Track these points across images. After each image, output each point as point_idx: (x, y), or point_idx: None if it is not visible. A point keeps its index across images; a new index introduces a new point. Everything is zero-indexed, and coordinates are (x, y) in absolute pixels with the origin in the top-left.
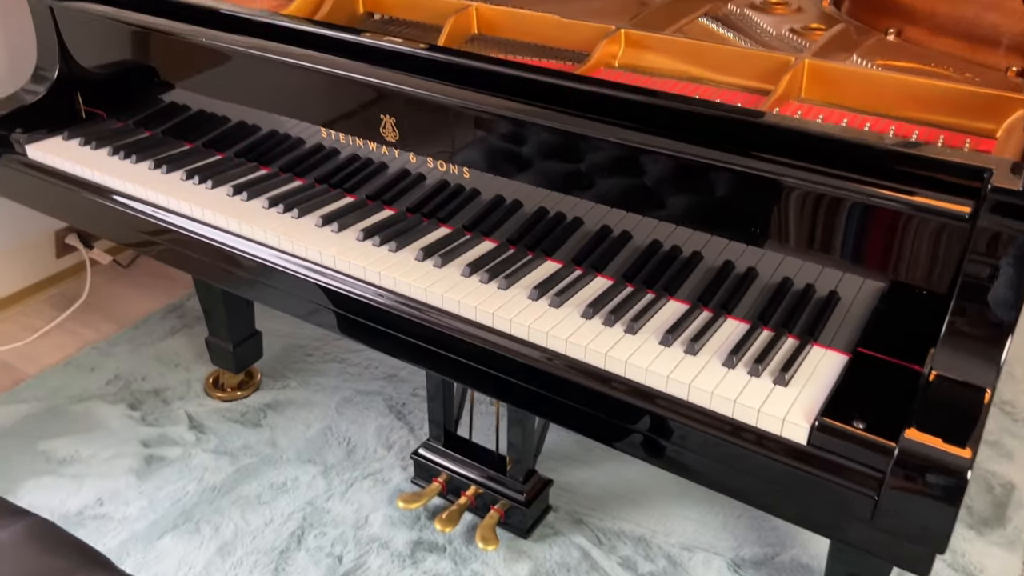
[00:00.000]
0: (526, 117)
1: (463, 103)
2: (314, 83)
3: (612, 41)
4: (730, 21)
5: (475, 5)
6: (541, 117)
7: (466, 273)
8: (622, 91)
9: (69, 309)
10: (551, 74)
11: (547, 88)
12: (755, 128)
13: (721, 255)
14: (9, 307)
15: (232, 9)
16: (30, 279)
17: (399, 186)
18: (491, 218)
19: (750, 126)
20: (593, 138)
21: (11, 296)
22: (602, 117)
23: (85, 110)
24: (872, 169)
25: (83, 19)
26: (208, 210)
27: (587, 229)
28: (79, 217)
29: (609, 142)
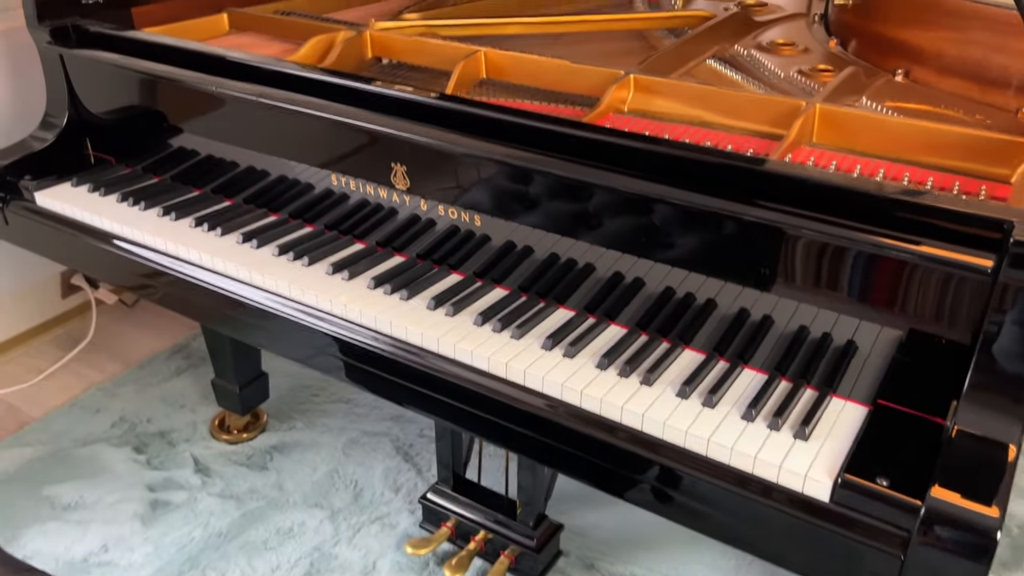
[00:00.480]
0: (536, 166)
1: (473, 152)
2: (323, 131)
3: (621, 86)
4: (738, 63)
5: (484, 50)
6: (550, 166)
7: (478, 322)
8: (627, 139)
9: (74, 350)
10: (559, 122)
11: (555, 136)
12: (767, 177)
13: (736, 302)
14: (14, 348)
15: (240, 57)
16: (35, 320)
17: (409, 232)
18: (502, 264)
19: (761, 175)
20: (601, 186)
21: (16, 337)
22: (608, 165)
23: (94, 155)
24: (889, 220)
25: (93, 66)
26: (218, 258)
27: (599, 275)
28: (88, 264)
29: (616, 190)
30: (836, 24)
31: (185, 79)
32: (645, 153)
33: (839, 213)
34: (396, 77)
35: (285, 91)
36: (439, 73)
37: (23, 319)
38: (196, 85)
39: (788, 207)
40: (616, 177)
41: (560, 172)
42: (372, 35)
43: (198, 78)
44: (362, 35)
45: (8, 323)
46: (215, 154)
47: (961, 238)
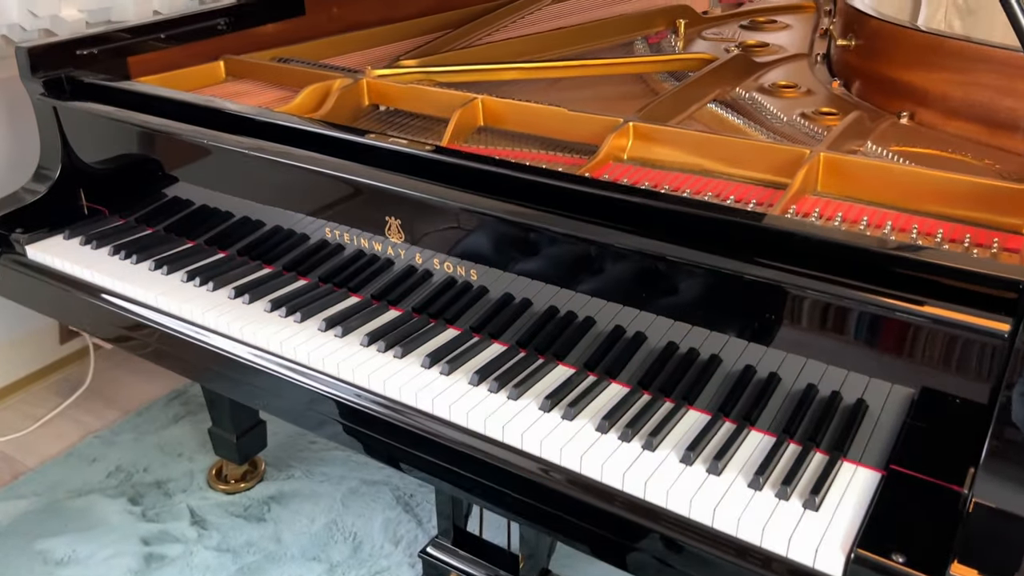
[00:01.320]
0: (531, 221)
1: (467, 206)
2: (316, 183)
3: (620, 135)
4: (739, 107)
5: (481, 98)
6: (546, 222)
7: (474, 381)
8: (623, 194)
9: (72, 396)
10: (555, 176)
11: (551, 191)
12: (767, 234)
13: (741, 358)
14: (12, 395)
15: (234, 108)
16: (34, 366)
17: (405, 285)
18: (500, 318)
19: (761, 232)
20: (599, 242)
21: (14, 384)
22: (605, 221)
23: (88, 206)
24: (896, 280)
25: (87, 119)
26: (209, 314)
27: (599, 329)
28: (79, 319)
29: (615, 247)
30: (839, 65)
31: (179, 132)
32: (641, 208)
33: (843, 272)
34: (393, 125)
35: (278, 144)
36: (437, 120)
37: (21, 365)
38: (190, 138)
39: (790, 265)
40: (613, 234)
41: (556, 228)
42: (369, 83)
43: (192, 131)
44: (358, 83)
45: (6, 370)
46: (209, 204)
47: (974, 299)
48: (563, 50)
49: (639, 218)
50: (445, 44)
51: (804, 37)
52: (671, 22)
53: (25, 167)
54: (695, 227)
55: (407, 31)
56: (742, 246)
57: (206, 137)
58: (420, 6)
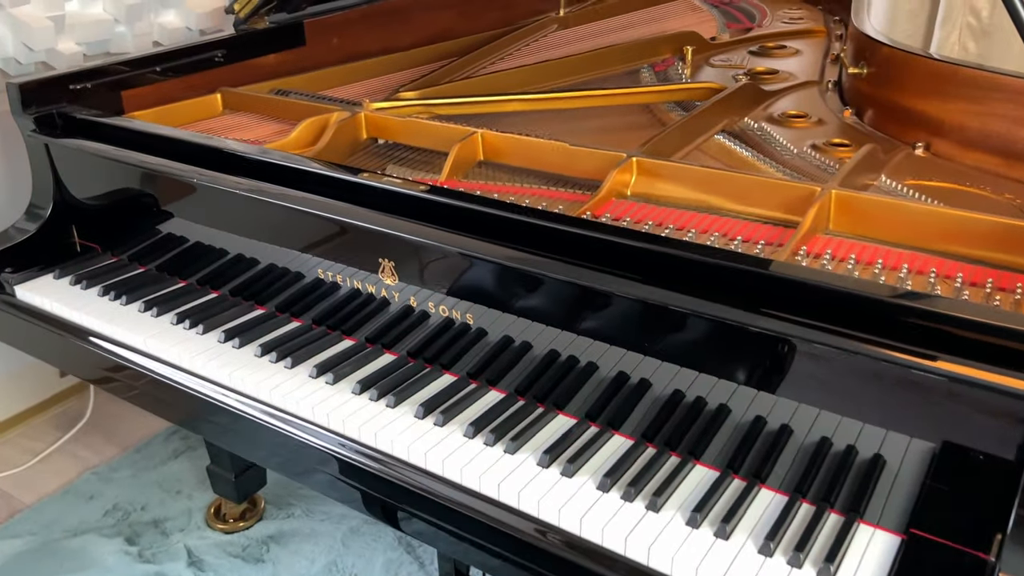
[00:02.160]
0: (531, 268)
1: (464, 251)
2: (309, 224)
3: (624, 170)
4: (747, 138)
5: (480, 132)
6: (547, 268)
7: (469, 433)
8: (625, 238)
9: (71, 431)
10: (556, 219)
11: (552, 235)
12: (774, 282)
13: (750, 409)
14: (11, 429)
15: (228, 146)
16: (33, 400)
17: (399, 328)
18: (497, 363)
19: (768, 280)
20: (601, 290)
21: (14, 417)
22: (606, 267)
23: (80, 243)
24: (912, 334)
25: (80, 156)
26: (198, 359)
27: (602, 376)
28: (68, 363)
29: (617, 294)
30: (851, 92)
31: (173, 171)
32: (642, 254)
33: (855, 323)
34: (391, 159)
35: (273, 184)
36: (436, 154)
37: (20, 399)
38: (184, 177)
39: (798, 316)
40: (614, 281)
41: (555, 275)
42: (367, 116)
43: (186, 170)
44: (356, 116)
45: (5, 403)
46: (202, 242)
47: (998, 355)
48: (567, 79)
49: (640, 264)
50: (446, 74)
51: (814, 63)
52: (678, 49)
53: (21, 203)
54: (698, 274)
55: (408, 61)
56: (748, 295)
57: (201, 177)
58: (421, 35)
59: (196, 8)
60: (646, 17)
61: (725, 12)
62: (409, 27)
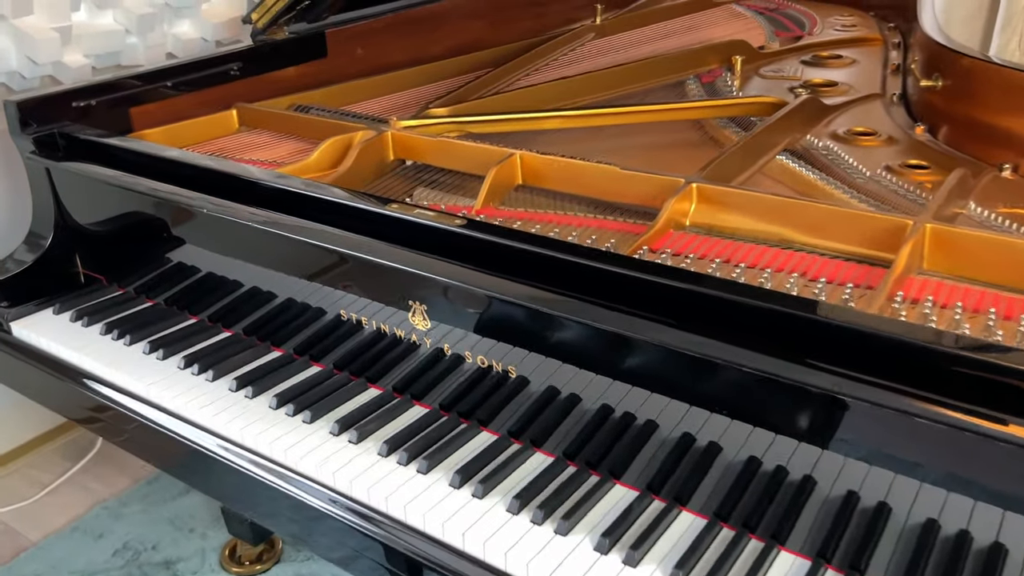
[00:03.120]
0: (586, 319)
1: (506, 297)
2: (331, 260)
3: (682, 198)
4: (813, 158)
5: (519, 154)
6: (607, 322)
7: (514, 508)
8: (706, 287)
9: (80, 461)
10: (614, 261)
11: (615, 281)
12: (896, 347)
13: (840, 484)
14: (19, 458)
15: (243, 172)
16: (41, 428)
17: (430, 376)
18: (543, 420)
19: (884, 343)
20: (672, 348)
21: (22, 447)
22: (674, 320)
23: (84, 273)
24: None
25: (82, 181)
26: (206, 411)
27: (662, 436)
28: (67, 409)
29: (693, 353)
30: (921, 106)
31: (182, 200)
32: (730, 307)
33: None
34: (420, 183)
35: (292, 216)
36: (470, 177)
37: (28, 427)
38: (194, 206)
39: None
40: (694, 341)
41: (618, 331)
42: (394, 135)
43: (197, 198)
44: (382, 135)
45: (12, 432)
46: (215, 272)
47: None
48: (608, 92)
49: (719, 319)
50: (477, 88)
51: (873, 74)
52: (726, 59)
53: (22, 230)
54: (799, 334)
55: (437, 73)
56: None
57: (213, 207)
58: (450, 45)
59: (212, 18)
60: (687, 25)
61: (772, 19)
62: (437, 37)
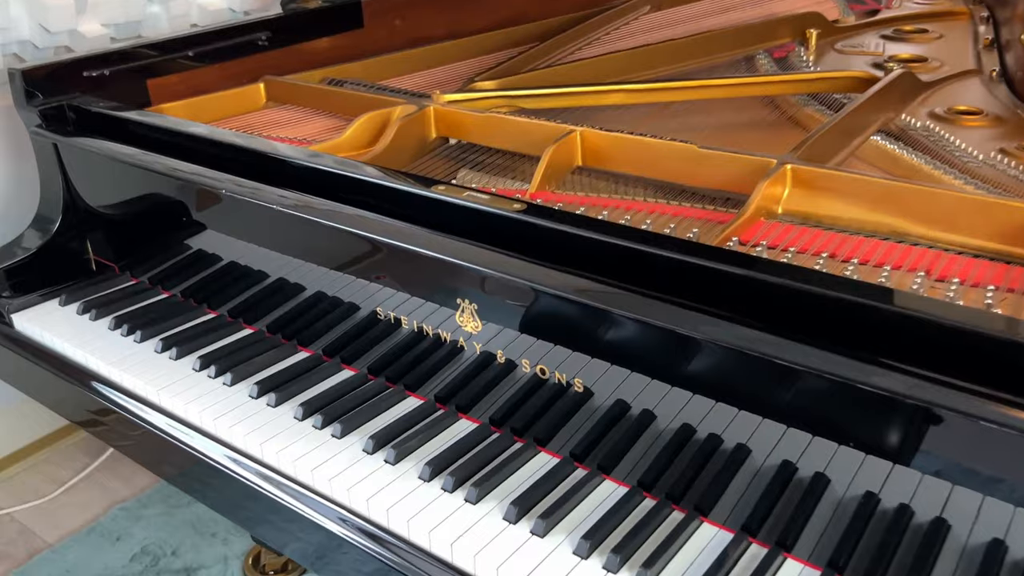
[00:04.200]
0: (675, 326)
1: (572, 296)
2: (367, 250)
3: (775, 181)
4: (913, 140)
5: (580, 130)
6: (698, 330)
7: (582, 551)
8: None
9: (100, 457)
10: (715, 256)
11: (716, 280)
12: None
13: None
14: (36, 453)
15: (271, 149)
16: (59, 422)
17: (478, 385)
18: (610, 441)
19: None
20: (792, 366)
21: (40, 441)
22: (798, 334)
23: (96, 261)
24: None
25: (93, 158)
26: (223, 420)
27: (755, 464)
28: (70, 411)
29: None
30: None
31: (204, 180)
32: (867, 314)
33: None
34: (466, 164)
35: (322, 199)
36: (521, 158)
37: (45, 422)
38: (217, 187)
39: None
40: (815, 355)
41: (710, 338)
42: (436, 111)
43: (220, 179)
44: (424, 111)
45: (30, 426)
46: (238, 262)
47: None
48: (667, 68)
49: (865, 334)
50: (528, 61)
51: (963, 49)
52: (799, 32)
53: (31, 212)
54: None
55: (481, 47)
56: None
57: (238, 188)
58: (495, 18)
59: None
60: None
61: None
62: (481, 8)
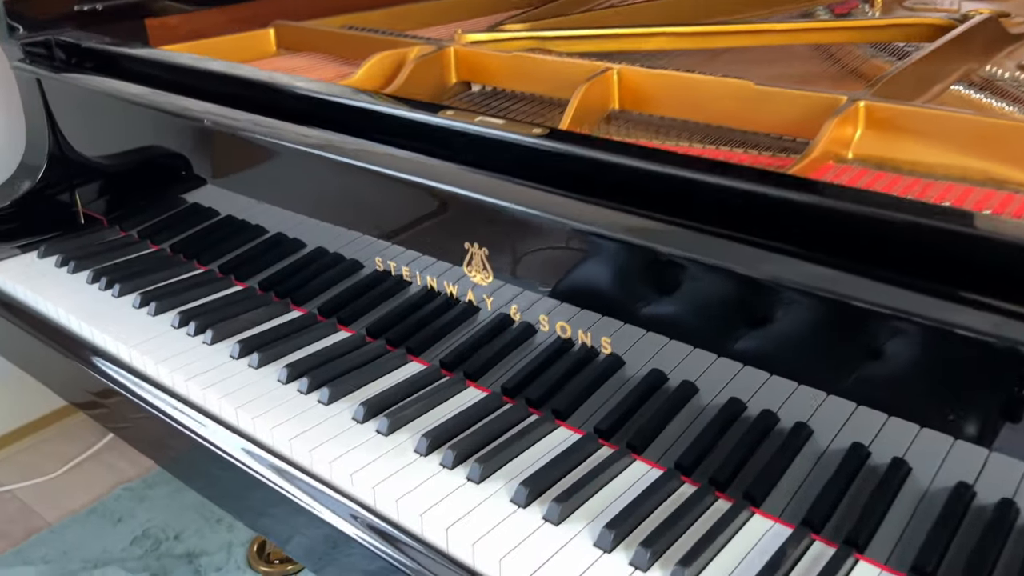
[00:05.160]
0: (732, 264)
1: (606, 232)
2: (375, 194)
3: (845, 120)
4: (1001, 90)
5: (616, 68)
6: (761, 268)
7: (605, 543)
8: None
9: (107, 436)
10: (784, 183)
11: (779, 208)
12: None
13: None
14: (44, 429)
15: (280, 82)
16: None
17: (491, 349)
18: (644, 415)
19: None
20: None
21: (48, 416)
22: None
23: (84, 213)
24: None
25: (82, 97)
26: (195, 382)
27: (817, 446)
28: (42, 373)
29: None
30: None
31: (223, 121)
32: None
33: None
34: (489, 110)
35: (340, 135)
36: (550, 104)
37: (55, 396)
38: (232, 126)
39: None
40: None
41: (771, 277)
42: (458, 52)
43: (238, 118)
44: (443, 51)
45: (37, 401)
46: (233, 217)
47: None
48: (718, 18)
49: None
50: (564, 8)
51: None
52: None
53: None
54: None
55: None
56: None
57: (260, 130)
58: None
59: None
60: None
61: None
62: None
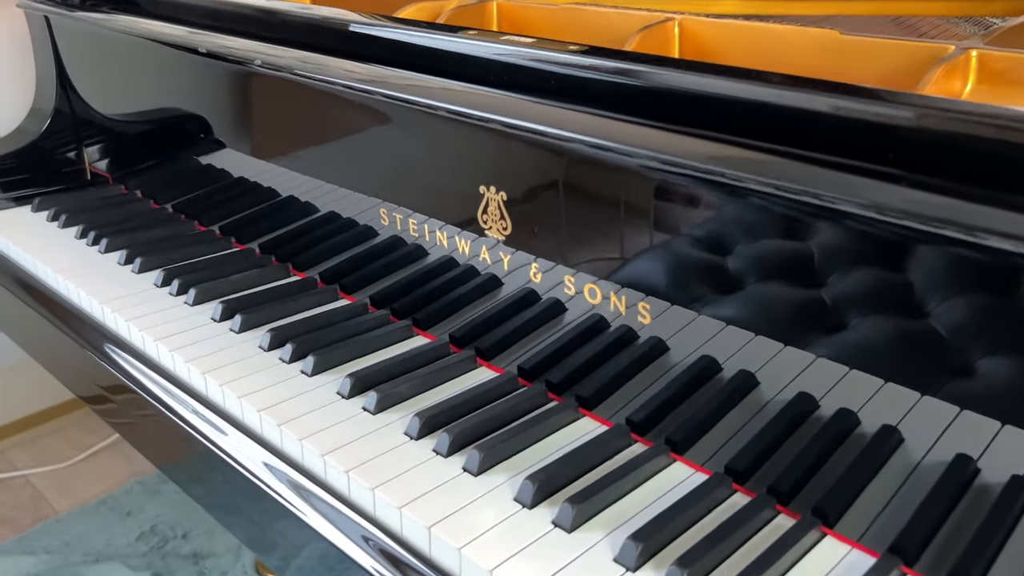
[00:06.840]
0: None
1: (653, 159)
2: (336, 105)
3: (951, 71)
4: None
5: (678, 19)
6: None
7: (628, 559)
8: None
9: None
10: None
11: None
12: None
13: None
14: (66, 415)
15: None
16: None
17: (513, 324)
18: (687, 408)
19: None
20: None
21: (69, 402)
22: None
23: (91, 170)
24: None
25: (93, 38)
26: (166, 343)
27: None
28: (22, 336)
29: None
30: None
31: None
32: None
33: None
34: None
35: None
36: None
37: None
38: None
39: None
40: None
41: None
42: (500, 4)
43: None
44: (484, 4)
45: (59, 386)
46: (247, 178)
47: None
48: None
49: None
50: None
51: None
52: None
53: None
54: None
55: None
56: None
57: (306, 67)
58: None
59: None
60: None
61: None
62: None
